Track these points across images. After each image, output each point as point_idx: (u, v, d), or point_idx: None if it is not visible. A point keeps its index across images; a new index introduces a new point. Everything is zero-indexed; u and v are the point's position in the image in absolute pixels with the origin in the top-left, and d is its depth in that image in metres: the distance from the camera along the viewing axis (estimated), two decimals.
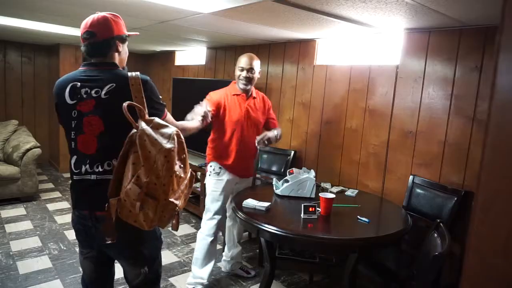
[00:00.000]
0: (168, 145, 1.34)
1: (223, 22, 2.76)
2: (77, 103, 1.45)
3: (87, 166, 1.45)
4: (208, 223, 2.62)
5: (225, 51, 4.38)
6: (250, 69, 2.56)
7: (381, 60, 2.88)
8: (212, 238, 2.61)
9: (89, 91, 1.44)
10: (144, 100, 1.44)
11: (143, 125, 1.34)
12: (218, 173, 2.61)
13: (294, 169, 2.62)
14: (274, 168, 3.52)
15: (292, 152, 3.45)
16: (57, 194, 4.67)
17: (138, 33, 1.77)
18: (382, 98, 2.84)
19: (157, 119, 1.41)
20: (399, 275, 2.17)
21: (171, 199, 1.37)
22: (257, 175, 3.63)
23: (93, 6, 2.46)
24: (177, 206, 1.40)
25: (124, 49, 1.57)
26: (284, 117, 3.66)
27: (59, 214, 4.00)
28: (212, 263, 2.65)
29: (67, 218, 3.91)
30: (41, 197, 4.51)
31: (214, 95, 2.60)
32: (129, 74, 1.46)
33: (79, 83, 1.46)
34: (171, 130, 1.39)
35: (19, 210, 4.05)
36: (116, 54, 1.54)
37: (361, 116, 2.99)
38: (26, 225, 3.68)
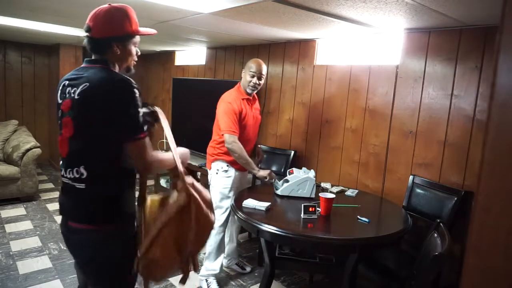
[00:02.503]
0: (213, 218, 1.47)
1: (223, 22, 2.76)
2: (62, 102, 1.38)
3: (63, 169, 1.40)
4: (221, 218, 2.72)
5: (225, 51, 4.38)
6: (261, 76, 2.67)
7: (381, 60, 2.88)
8: (223, 232, 2.76)
9: (70, 90, 1.36)
10: (117, 113, 1.29)
11: (191, 181, 1.40)
12: (226, 171, 2.70)
13: (294, 169, 2.62)
14: (274, 168, 3.52)
15: (292, 152, 3.45)
16: (57, 194, 4.67)
17: (153, 32, 1.55)
18: (382, 98, 2.84)
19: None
20: (399, 275, 2.17)
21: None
22: None
23: (93, 6, 2.46)
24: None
25: (124, 49, 1.43)
26: (284, 117, 3.66)
27: (59, 214, 3.99)
28: (222, 255, 2.78)
29: None
30: (41, 197, 4.51)
31: (235, 105, 2.60)
32: (111, 76, 1.33)
33: (67, 82, 1.39)
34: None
35: (19, 210, 4.05)
36: (111, 54, 1.41)
37: (361, 116, 2.99)
38: (26, 225, 3.68)
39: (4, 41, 5.33)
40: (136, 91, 1.32)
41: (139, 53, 1.54)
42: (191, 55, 5.13)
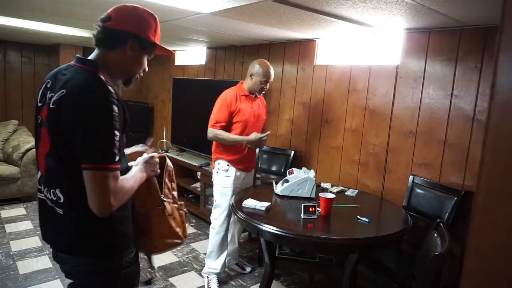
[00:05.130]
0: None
1: (223, 22, 2.76)
2: (42, 107, 1.16)
3: (42, 186, 1.23)
4: (220, 218, 2.73)
5: (225, 51, 4.38)
6: (269, 81, 2.74)
7: (381, 60, 2.88)
8: (224, 232, 2.74)
9: (48, 94, 1.14)
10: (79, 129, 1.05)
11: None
12: (226, 170, 2.71)
13: (294, 169, 2.62)
14: (274, 168, 3.52)
15: (292, 152, 3.45)
16: None
17: (172, 52, 1.41)
18: (382, 98, 2.84)
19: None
20: (399, 275, 2.17)
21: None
22: (257, 175, 3.64)
23: (93, 6, 2.46)
24: None
25: (137, 54, 1.23)
26: (284, 117, 3.66)
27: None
28: (224, 254, 2.77)
29: None
30: None
31: (228, 97, 2.67)
32: (90, 82, 1.10)
33: (51, 82, 1.17)
34: None
35: (19, 210, 4.05)
36: (119, 54, 1.20)
37: (361, 116, 2.99)
38: (26, 225, 3.68)
39: (4, 41, 5.33)
40: (115, 107, 1.07)
41: (147, 70, 1.34)
42: (191, 55, 5.13)
